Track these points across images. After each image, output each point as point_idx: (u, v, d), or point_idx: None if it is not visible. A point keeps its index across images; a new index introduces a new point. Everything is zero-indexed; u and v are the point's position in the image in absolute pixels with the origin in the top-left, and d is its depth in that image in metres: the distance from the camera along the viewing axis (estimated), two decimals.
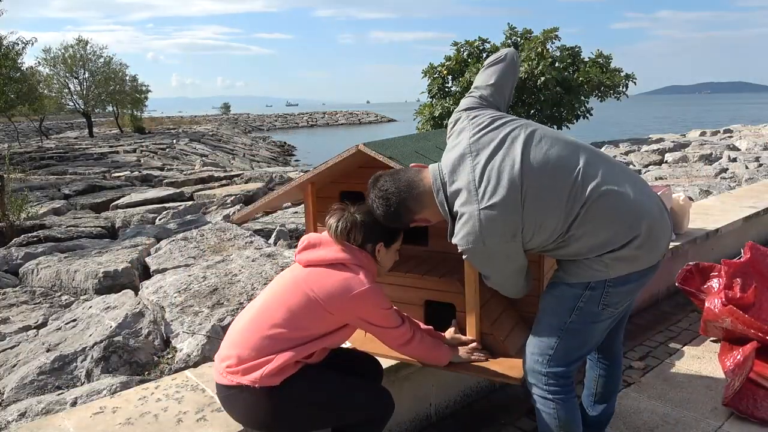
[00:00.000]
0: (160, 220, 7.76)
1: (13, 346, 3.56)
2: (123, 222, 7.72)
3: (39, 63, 28.48)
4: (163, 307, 3.82)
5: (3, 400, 2.93)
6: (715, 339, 3.31)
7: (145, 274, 5.04)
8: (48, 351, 3.35)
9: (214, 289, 3.88)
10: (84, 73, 30.39)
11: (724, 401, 2.64)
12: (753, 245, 3.48)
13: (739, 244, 4.07)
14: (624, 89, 18.80)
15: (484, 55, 19.76)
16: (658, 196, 1.92)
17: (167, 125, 40.17)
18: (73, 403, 2.67)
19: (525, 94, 18.38)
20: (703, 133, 18.75)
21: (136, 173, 13.60)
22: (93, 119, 31.93)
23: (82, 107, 30.52)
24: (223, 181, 11.95)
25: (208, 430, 1.97)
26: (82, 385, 2.99)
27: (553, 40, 18.81)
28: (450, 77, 19.90)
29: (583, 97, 18.79)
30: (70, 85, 30.11)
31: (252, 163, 23.77)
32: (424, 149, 2.41)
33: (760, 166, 10.45)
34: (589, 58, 19.05)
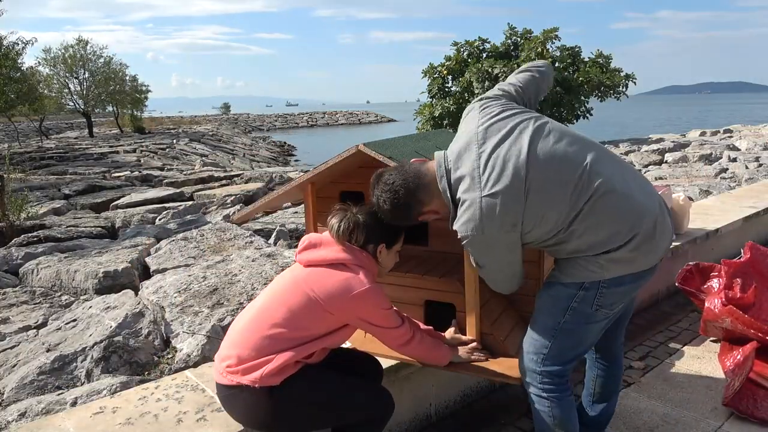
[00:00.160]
0: (160, 220, 7.76)
1: (13, 346, 3.56)
2: (123, 222, 7.72)
3: (39, 63, 28.51)
4: (163, 307, 3.82)
5: (3, 400, 2.93)
6: (715, 339, 3.31)
7: (145, 274, 5.04)
8: (48, 351, 3.35)
9: (214, 289, 3.88)
10: (84, 73, 30.39)
11: (724, 401, 2.64)
12: (753, 245, 3.48)
13: (739, 244, 4.07)
14: (624, 89, 18.80)
15: (484, 55, 19.76)
16: (660, 196, 1.92)
17: (167, 125, 40.17)
18: (73, 403, 2.67)
19: None
20: (703, 133, 18.75)
21: (136, 173, 13.60)
22: (93, 119, 31.93)
23: (82, 107, 30.52)
24: (223, 181, 11.95)
25: (208, 430, 1.97)
26: (82, 385, 2.99)
27: (553, 40, 18.81)
28: (450, 77, 19.90)
29: (583, 97, 18.78)
30: (70, 85, 30.12)
31: (252, 163, 23.77)
32: (424, 149, 2.41)
33: (760, 166, 10.45)
34: (589, 58, 19.04)
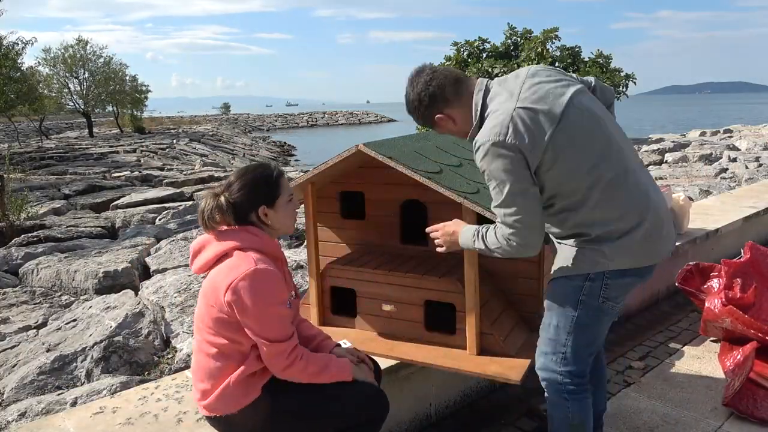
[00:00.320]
0: (160, 220, 7.77)
1: (13, 346, 3.56)
2: (123, 222, 7.72)
3: (39, 63, 28.49)
4: (163, 307, 3.82)
5: (3, 400, 2.93)
6: (715, 339, 3.31)
7: (145, 274, 5.04)
8: (48, 351, 3.35)
9: None
10: (84, 73, 30.37)
11: (724, 401, 2.64)
12: (753, 245, 3.48)
13: (739, 244, 4.07)
14: (624, 89, 18.82)
15: (484, 55, 19.76)
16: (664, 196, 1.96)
17: (167, 125, 40.15)
18: (73, 403, 2.67)
19: None
20: (703, 133, 18.76)
21: (136, 173, 13.59)
22: (93, 119, 31.91)
23: (82, 107, 30.50)
24: (223, 181, 11.95)
25: (208, 430, 1.96)
26: (82, 385, 2.99)
27: (553, 40, 18.83)
28: None
29: None
30: (70, 85, 30.10)
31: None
32: (424, 149, 2.41)
33: (760, 166, 10.45)
34: (589, 58, 19.06)
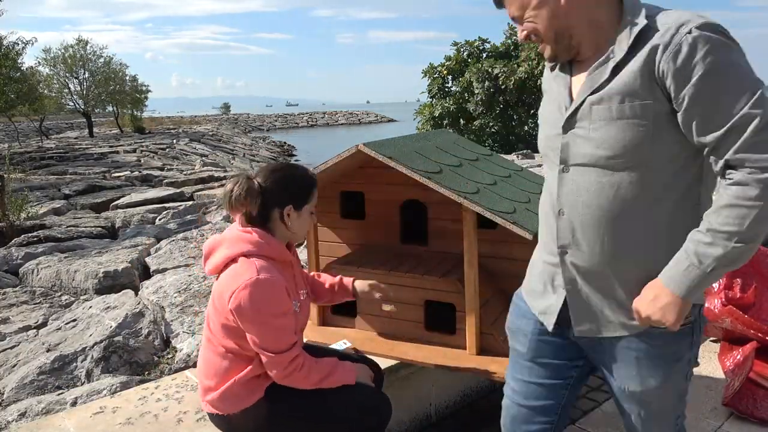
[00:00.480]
0: (160, 220, 7.77)
1: (13, 346, 3.56)
2: (123, 222, 7.72)
3: (39, 63, 28.51)
4: (163, 307, 3.82)
5: (3, 400, 2.93)
6: (715, 339, 3.31)
7: (145, 274, 5.04)
8: (48, 351, 3.35)
9: None
10: (84, 73, 30.39)
11: (723, 401, 2.64)
12: None
13: None
14: None
15: (484, 55, 19.79)
16: None
17: (167, 125, 40.17)
18: (73, 403, 2.67)
19: (525, 94, 18.38)
20: None
21: (136, 173, 13.59)
22: (93, 119, 31.92)
23: (82, 107, 30.51)
24: (223, 181, 11.96)
25: (208, 430, 1.97)
26: (82, 385, 2.99)
27: None
28: (450, 77, 19.92)
29: None
30: (70, 85, 30.11)
31: (252, 163, 23.76)
32: (424, 149, 2.41)
33: None
34: None
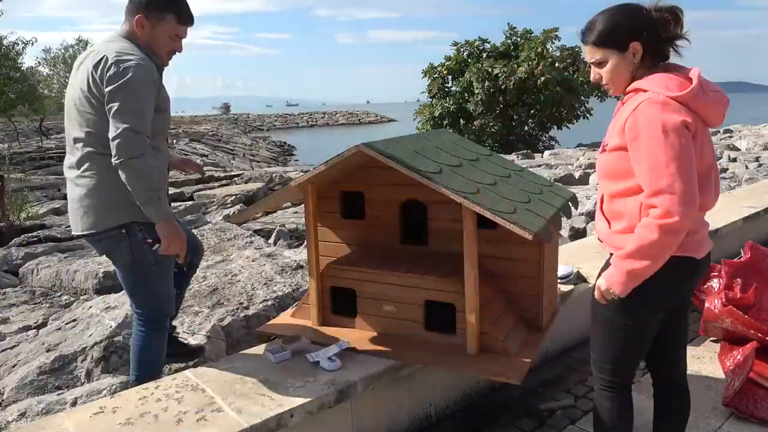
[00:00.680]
0: None
1: (13, 346, 3.56)
2: None
3: (39, 63, 28.55)
4: None
5: (3, 400, 2.93)
6: (715, 339, 3.31)
7: None
8: (48, 351, 3.35)
9: (214, 289, 3.87)
10: None
11: (724, 401, 2.64)
12: (753, 245, 3.48)
13: (739, 244, 4.06)
14: None
15: (484, 55, 19.78)
16: None
17: None
18: (73, 403, 2.67)
19: (525, 94, 18.38)
20: None
21: None
22: None
23: None
24: (223, 181, 11.96)
25: (208, 430, 1.97)
26: (82, 385, 2.99)
27: (553, 40, 18.84)
28: (450, 77, 19.91)
29: (583, 97, 18.78)
30: None
31: (252, 163, 23.78)
32: (424, 149, 2.41)
33: (760, 166, 10.44)
34: None
